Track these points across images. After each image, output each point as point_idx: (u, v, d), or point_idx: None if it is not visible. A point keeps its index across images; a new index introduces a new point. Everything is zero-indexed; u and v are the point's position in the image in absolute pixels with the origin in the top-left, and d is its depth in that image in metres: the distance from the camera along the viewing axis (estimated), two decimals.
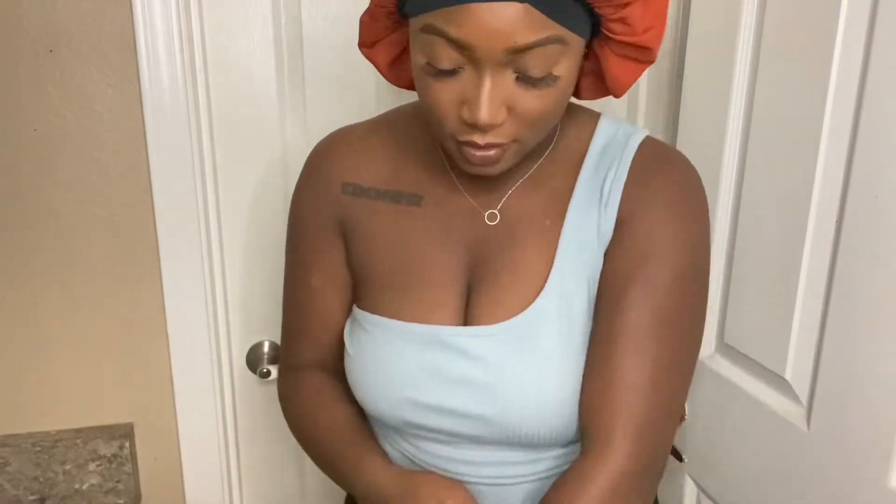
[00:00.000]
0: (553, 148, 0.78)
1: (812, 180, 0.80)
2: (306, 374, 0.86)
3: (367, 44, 0.75)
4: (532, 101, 0.64)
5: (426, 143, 0.81)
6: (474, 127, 0.64)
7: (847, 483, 0.78)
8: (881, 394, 0.73)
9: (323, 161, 0.83)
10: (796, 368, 0.85)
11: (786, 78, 0.84)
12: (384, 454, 0.78)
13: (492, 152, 0.66)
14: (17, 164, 1.05)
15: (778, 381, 0.88)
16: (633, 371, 0.69)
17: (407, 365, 0.75)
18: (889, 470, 0.73)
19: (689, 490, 1.07)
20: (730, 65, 0.93)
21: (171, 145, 1.07)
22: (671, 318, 0.71)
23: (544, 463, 0.78)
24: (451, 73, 0.63)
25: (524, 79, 0.63)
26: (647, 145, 0.76)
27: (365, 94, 1.15)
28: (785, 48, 0.84)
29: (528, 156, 0.77)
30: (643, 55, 0.68)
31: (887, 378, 0.72)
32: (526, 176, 0.77)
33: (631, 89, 1.20)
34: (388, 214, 0.79)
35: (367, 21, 0.73)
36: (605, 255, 0.74)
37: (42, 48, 1.02)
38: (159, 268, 1.12)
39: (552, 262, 0.73)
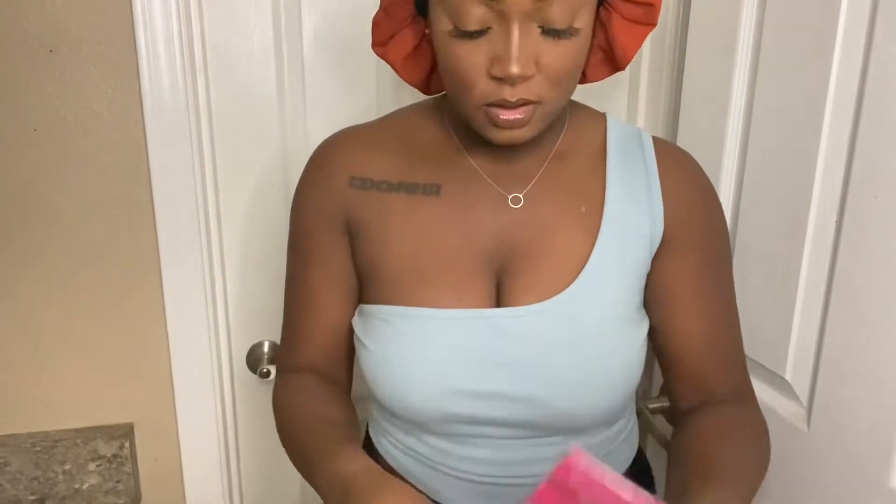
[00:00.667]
0: (568, 135, 0.81)
1: (812, 180, 0.80)
2: (297, 376, 0.85)
3: (381, 42, 0.77)
4: (556, 54, 0.66)
5: (441, 135, 0.81)
6: (505, 83, 0.66)
7: (847, 483, 0.78)
8: (881, 394, 0.73)
9: (328, 156, 0.82)
10: (796, 368, 0.85)
11: (786, 77, 0.84)
12: (360, 449, 0.71)
13: (520, 114, 0.68)
14: (17, 164, 1.05)
15: (778, 381, 0.88)
16: (733, 336, 0.82)
17: (444, 352, 0.74)
18: (889, 470, 0.73)
19: None
20: (730, 65, 0.93)
21: (171, 145, 1.07)
22: (731, 292, 0.83)
23: None
24: (478, 34, 0.65)
25: (549, 31, 0.65)
26: (660, 144, 0.82)
27: (366, 93, 1.15)
28: (785, 48, 0.84)
29: (545, 139, 0.79)
30: (647, 15, 0.72)
31: (887, 378, 0.72)
32: (546, 162, 0.79)
33: (631, 89, 1.21)
34: (402, 206, 0.78)
35: (381, 18, 0.75)
36: (667, 253, 0.79)
37: (42, 48, 1.02)
38: (159, 268, 1.12)
39: (591, 247, 0.76)
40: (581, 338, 0.74)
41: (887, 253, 0.71)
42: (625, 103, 1.22)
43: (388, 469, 0.86)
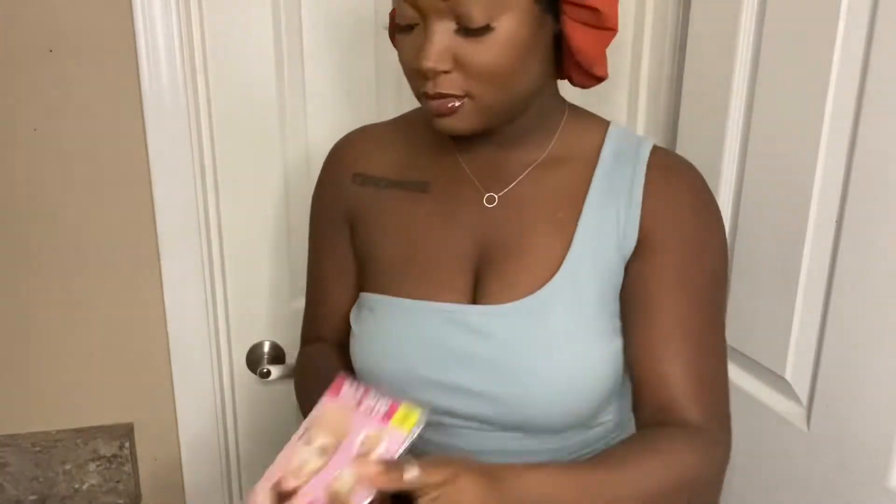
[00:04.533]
0: (561, 141, 0.81)
1: (812, 180, 0.80)
2: (314, 345, 0.92)
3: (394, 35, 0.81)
4: (475, 52, 0.68)
5: (437, 135, 0.82)
6: (424, 75, 0.70)
7: (847, 483, 0.78)
8: (881, 394, 0.73)
9: (337, 155, 0.89)
10: (796, 368, 0.85)
11: (786, 78, 0.84)
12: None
13: (448, 104, 0.71)
14: (17, 164, 1.05)
15: (778, 381, 0.88)
16: (708, 363, 0.75)
17: (412, 340, 0.77)
18: (889, 470, 0.73)
19: None
20: (730, 65, 0.93)
21: (171, 145, 1.07)
22: (713, 315, 0.77)
23: (545, 455, 0.79)
24: (409, 29, 0.70)
25: (463, 30, 0.68)
26: (658, 153, 0.79)
27: (365, 93, 1.15)
28: (785, 48, 0.84)
29: (533, 142, 0.80)
30: (599, 20, 0.71)
31: (887, 378, 0.72)
32: (533, 164, 0.80)
33: (631, 89, 1.21)
34: (396, 202, 0.82)
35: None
36: (640, 257, 0.76)
37: (42, 48, 1.02)
38: (159, 268, 1.12)
39: (566, 251, 0.76)
40: (546, 341, 0.74)
41: (887, 253, 0.71)
42: (625, 104, 1.22)
43: None
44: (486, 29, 0.67)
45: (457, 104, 0.71)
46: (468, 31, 0.67)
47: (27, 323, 1.12)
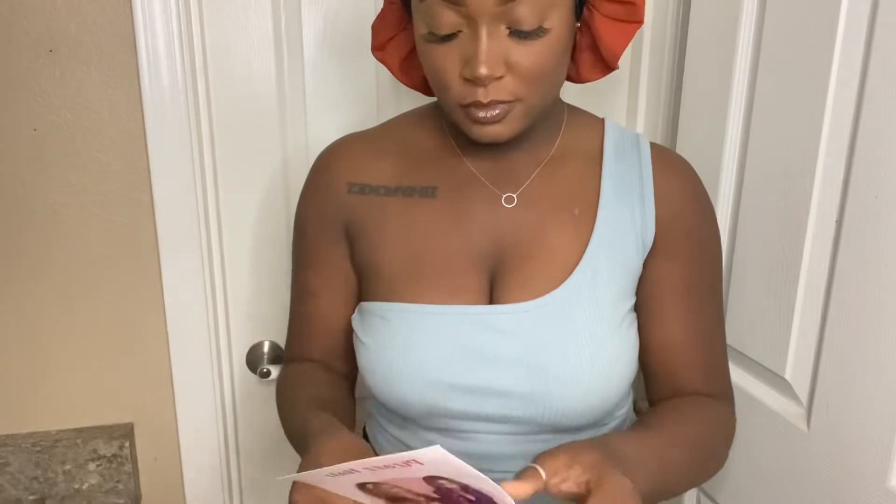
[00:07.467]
0: (564, 139, 0.82)
1: (812, 181, 0.80)
2: (298, 364, 0.89)
3: (379, 46, 0.80)
4: (527, 55, 0.68)
5: (439, 139, 0.83)
6: (476, 83, 0.68)
7: (847, 483, 0.78)
8: (881, 394, 0.73)
9: (328, 165, 0.85)
10: (796, 368, 0.85)
11: (786, 78, 0.84)
12: (333, 418, 0.74)
13: (496, 110, 0.69)
14: (17, 164, 1.05)
15: (778, 381, 0.88)
16: (715, 346, 0.84)
17: (436, 346, 0.75)
18: (889, 470, 0.73)
19: (689, 490, 1.07)
20: (730, 65, 0.93)
21: (171, 145, 1.07)
22: (721, 300, 0.84)
23: None
24: (450, 37, 0.68)
25: (516, 33, 0.67)
26: (656, 149, 0.83)
27: (365, 93, 1.15)
28: (785, 48, 0.84)
29: (540, 141, 0.81)
30: (631, 13, 0.73)
31: (887, 378, 0.72)
32: (542, 164, 0.80)
33: (631, 89, 1.21)
34: (399, 209, 0.80)
35: (379, 23, 0.79)
36: (659, 251, 0.80)
37: (42, 48, 1.02)
38: (159, 268, 1.12)
39: (584, 247, 0.77)
40: (570, 337, 0.75)
41: (887, 253, 0.71)
42: (625, 104, 1.22)
43: None
44: (539, 31, 0.67)
45: (498, 112, 0.69)
46: (522, 33, 0.67)
47: (27, 323, 1.12)
